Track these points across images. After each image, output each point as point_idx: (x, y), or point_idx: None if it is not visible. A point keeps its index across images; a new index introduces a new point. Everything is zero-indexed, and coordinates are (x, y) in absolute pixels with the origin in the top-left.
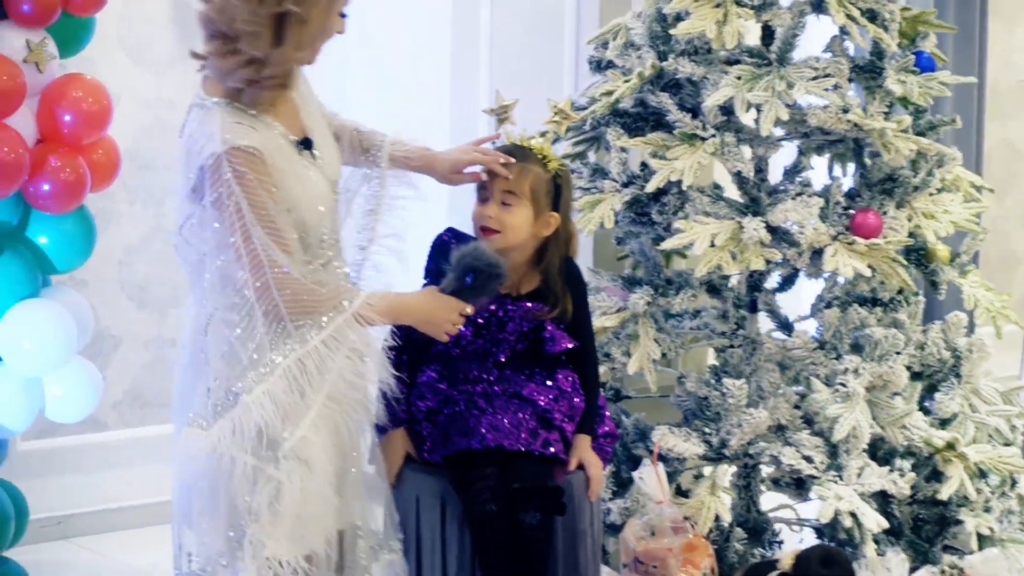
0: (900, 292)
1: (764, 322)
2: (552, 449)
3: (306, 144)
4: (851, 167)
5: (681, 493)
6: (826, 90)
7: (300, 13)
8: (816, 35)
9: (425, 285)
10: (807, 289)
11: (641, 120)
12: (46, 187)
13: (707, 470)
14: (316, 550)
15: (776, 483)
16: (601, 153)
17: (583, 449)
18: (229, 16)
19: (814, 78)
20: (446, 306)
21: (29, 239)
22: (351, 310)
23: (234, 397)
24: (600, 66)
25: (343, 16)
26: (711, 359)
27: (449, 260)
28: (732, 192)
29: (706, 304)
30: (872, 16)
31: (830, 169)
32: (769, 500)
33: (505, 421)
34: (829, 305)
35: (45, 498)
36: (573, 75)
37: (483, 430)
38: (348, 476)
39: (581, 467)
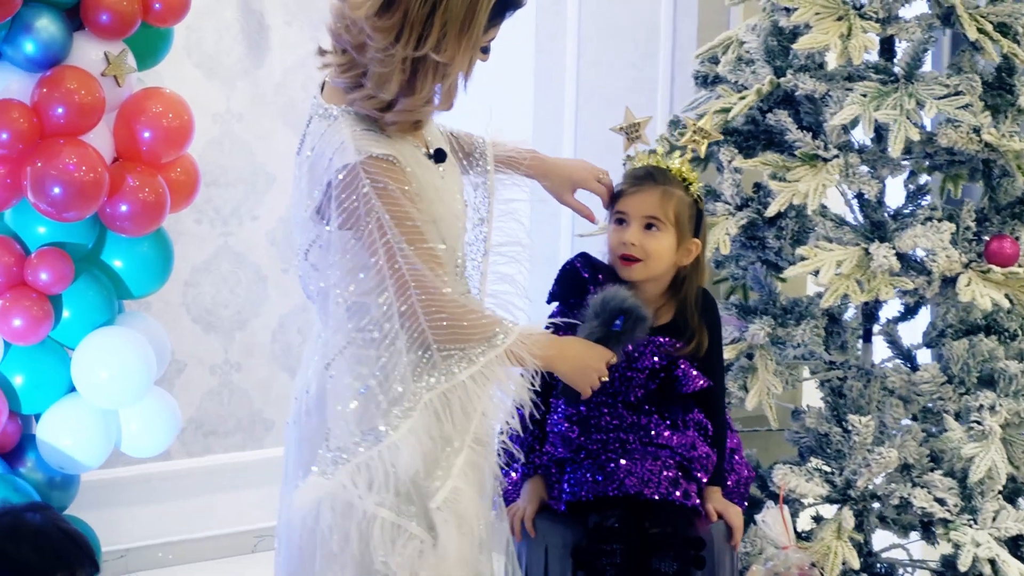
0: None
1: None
2: (692, 502)
3: (439, 156)
4: (962, 188)
5: (798, 536)
6: (958, 109)
7: (441, 63)
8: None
9: (555, 313)
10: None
11: (752, 139)
12: (124, 208)
13: (825, 510)
14: None
15: (883, 521)
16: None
17: (716, 499)
18: (358, 42)
19: (944, 96)
20: (597, 355)
21: (105, 263)
22: (505, 345)
23: (373, 437)
24: (707, 81)
25: (485, 51)
26: (808, 388)
27: (588, 304)
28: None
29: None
30: (1004, 29)
31: (941, 191)
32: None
33: (646, 467)
34: (943, 334)
35: (106, 531)
36: (668, 90)
37: (621, 475)
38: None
39: (720, 516)
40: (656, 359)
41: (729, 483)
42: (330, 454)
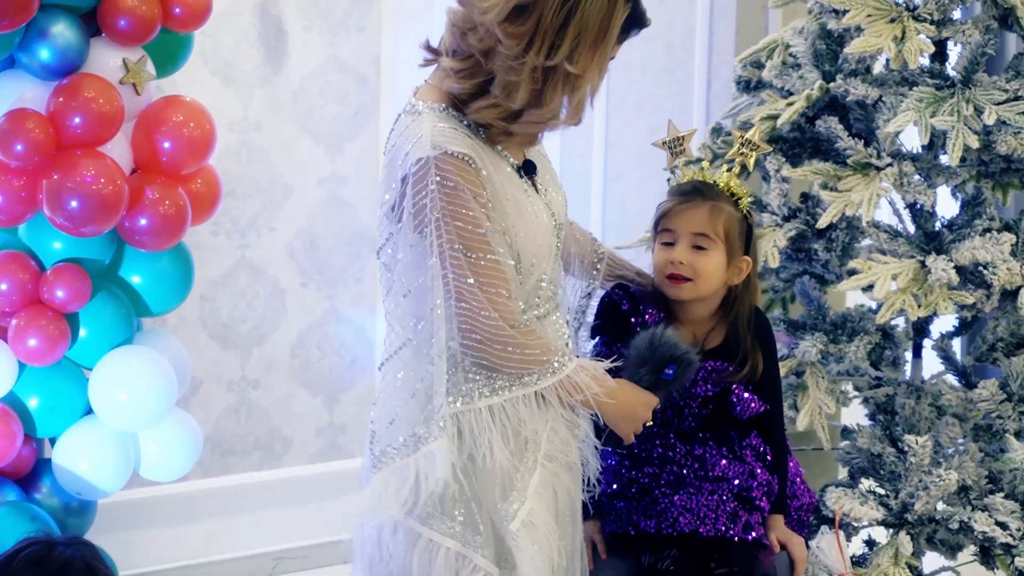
0: None
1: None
2: (754, 534)
3: (528, 169)
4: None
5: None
6: (1018, 115)
7: (574, 74)
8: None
9: (596, 348)
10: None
11: (798, 146)
12: (143, 222)
13: (876, 532)
14: None
15: (930, 542)
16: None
17: (779, 529)
18: (488, 45)
19: (1004, 101)
20: (646, 403)
21: (123, 279)
22: (537, 386)
23: (413, 444)
24: (749, 86)
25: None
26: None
27: (633, 343)
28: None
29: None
30: None
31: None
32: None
33: (701, 503)
34: (993, 348)
35: (122, 554)
36: (704, 95)
37: (675, 513)
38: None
39: (782, 546)
40: (709, 386)
41: (796, 506)
42: (372, 457)
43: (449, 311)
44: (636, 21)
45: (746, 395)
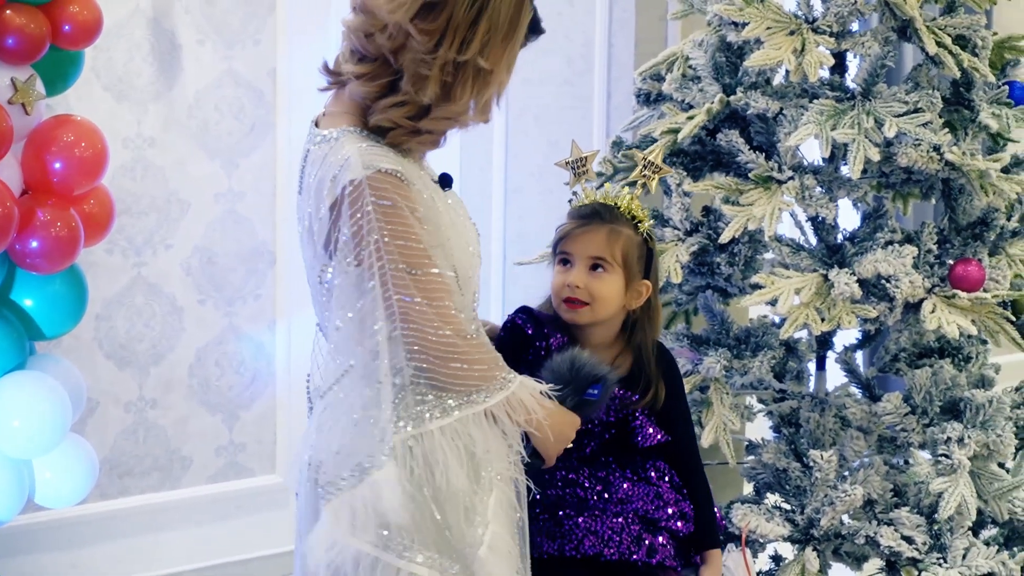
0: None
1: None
2: (658, 557)
3: (445, 181)
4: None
5: None
6: (919, 127)
7: (484, 69)
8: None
9: None
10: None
11: (699, 160)
12: (34, 244)
13: (784, 548)
14: None
15: (836, 553)
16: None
17: (714, 568)
18: (398, 43)
19: (904, 113)
20: (572, 423)
21: (15, 303)
22: (486, 405)
23: (358, 474)
24: (649, 99)
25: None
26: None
27: (547, 367)
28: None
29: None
30: (962, 43)
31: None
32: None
33: (606, 525)
34: (896, 358)
35: None
36: (604, 108)
37: (580, 535)
38: None
39: None
40: (611, 413)
41: None
42: (318, 489)
43: (395, 333)
44: (534, 27)
45: (650, 429)
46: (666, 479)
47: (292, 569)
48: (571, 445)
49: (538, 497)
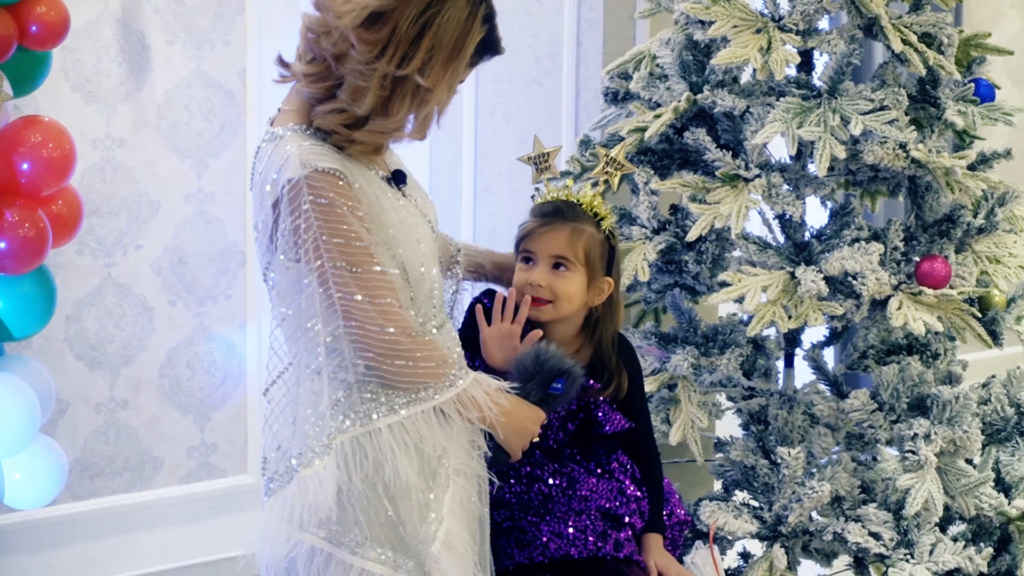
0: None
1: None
2: (625, 551)
3: (397, 178)
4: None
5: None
6: (884, 124)
7: (423, 87)
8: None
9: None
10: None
11: (667, 158)
12: (2, 245)
13: (753, 546)
14: None
15: (805, 550)
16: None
17: (658, 553)
18: (340, 50)
19: (870, 111)
20: (535, 417)
21: None
22: (435, 402)
23: (292, 471)
24: (617, 98)
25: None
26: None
27: (515, 361)
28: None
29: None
30: (928, 40)
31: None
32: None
33: (569, 527)
34: (865, 355)
35: None
36: (572, 107)
37: (544, 539)
38: None
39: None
40: (574, 402)
41: (671, 523)
42: (264, 480)
43: (339, 331)
44: (490, 47)
45: (612, 414)
46: (628, 474)
47: None
48: (537, 439)
49: (507, 498)
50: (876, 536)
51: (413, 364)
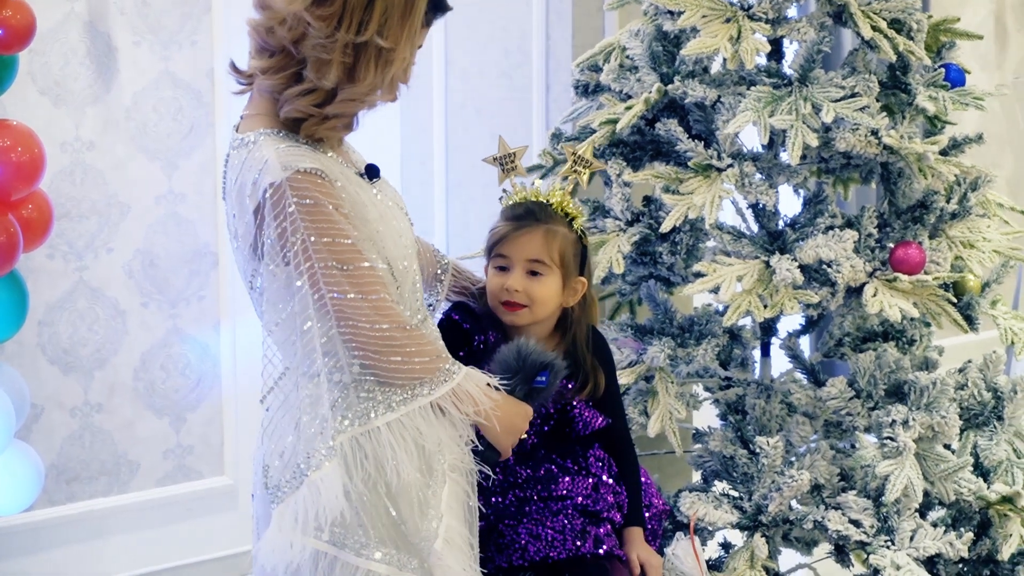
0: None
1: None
2: (605, 547)
3: (371, 173)
4: (852, 192)
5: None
6: (856, 111)
7: (385, 48)
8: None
9: None
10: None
11: (639, 149)
12: None
13: (734, 536)
14: None
15: (785, 539)
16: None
17: (639, 546)
18: (298, 33)
19: (841, 98)
20: (523, 414)
21: None
22: (432, 397)
23: (299, 476)
24: (588, 90)
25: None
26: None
27: (495, 359)
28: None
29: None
30: (898, 26)
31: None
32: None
33: (547, 529)
34: (841, 343)
35: None
36: (543, 99)
37: (523, 542)
38: None
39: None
40: (550, 403)
41: (650, 515)
42: (268, 492)
43: (332, 332)
44: (438, 4)
45: (587, 413)
46: (605, 469)
47: (243, 571)
48: (525, 435)
49: (481, 508)
50: (856, 523)
51: (408, 360)
